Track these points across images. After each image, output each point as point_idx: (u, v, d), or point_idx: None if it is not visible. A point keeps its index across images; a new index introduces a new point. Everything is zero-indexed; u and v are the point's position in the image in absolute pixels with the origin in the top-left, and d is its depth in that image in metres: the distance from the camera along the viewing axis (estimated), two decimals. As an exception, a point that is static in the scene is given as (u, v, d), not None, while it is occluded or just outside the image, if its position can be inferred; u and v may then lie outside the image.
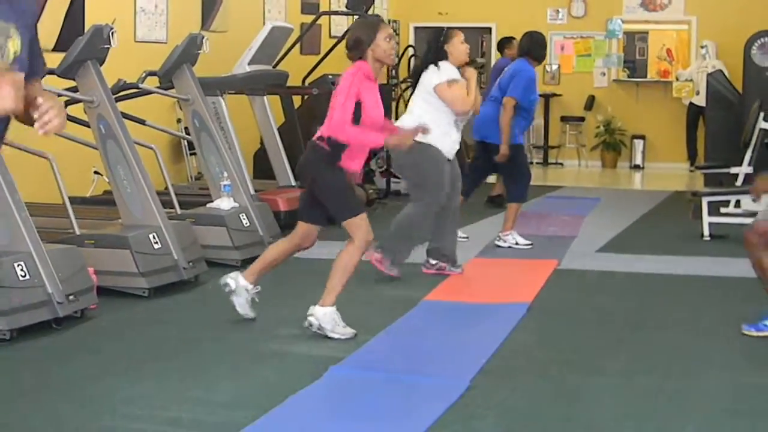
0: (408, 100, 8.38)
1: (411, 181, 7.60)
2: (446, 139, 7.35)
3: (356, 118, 5.75)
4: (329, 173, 5.74)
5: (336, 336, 5.68)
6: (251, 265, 6.10)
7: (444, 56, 7.43)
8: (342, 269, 5.74)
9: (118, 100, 7.78)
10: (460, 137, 7.54)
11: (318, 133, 5.82)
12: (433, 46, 7.55)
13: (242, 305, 6.01)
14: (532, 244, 8.79)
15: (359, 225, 5.77)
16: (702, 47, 15.82)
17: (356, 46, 5.87)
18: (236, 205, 8.09)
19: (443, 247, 7.58)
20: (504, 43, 11.76)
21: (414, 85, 7.60)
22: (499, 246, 8.78)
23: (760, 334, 5.86)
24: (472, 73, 7.51)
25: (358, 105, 5.74)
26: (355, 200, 5.91)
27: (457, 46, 7.46)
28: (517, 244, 8.76)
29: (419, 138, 7.20)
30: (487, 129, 8.74)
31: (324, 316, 5.71)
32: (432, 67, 7.39)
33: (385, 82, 11.06)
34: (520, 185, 8.82)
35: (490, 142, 8.72)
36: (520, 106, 8.61)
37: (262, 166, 10.74)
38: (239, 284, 6.00)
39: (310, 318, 5.74)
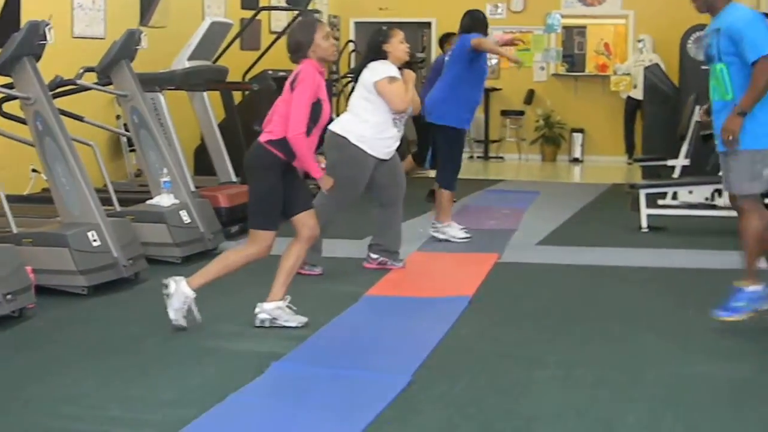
0: (349, 96, 8.35)
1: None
2: (380, 142, 7.34)
3: (314, 118, 5.74)
4: (263, 176, 5.71)
5: (292, 324, 5.76)
6: (200, 272, 5.85)
7: (384, 55, 7.43)
8: (291, 264, 5.84)
9: (55, 96, 7.68)
10: (400, 135, 7.54)
11: (268, 135, 5.76)
12: (372, 45, 7.55)
13: (174, 313, 5.73)
14: (470, 237, 8.83)
15: (305, 220, 5.82)
16: (639, 41, 15.99)
17: (297, 49, 5.85)
18: (176, 201, 8.03)
19: (385, 243, 7.59)
20: (444, 39, 11.77)
21: (355, 83, 7.60)
22: (434, 236, 8.79)
23: (731, 318, 5.82)
24: (409, 74, 7.51)
25: (318, 104, 5.74)
26: (302, 195, 5.88)
27: (397, 46, 7.46)
28: (454, 237, 8.77)
29: (345, 134, 7.23)
30: (435, 110, 8.76)
31: (274, 309, 5.79)
32: (371, 65, 7.40)
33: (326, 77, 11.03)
34: (450, 172, 8.81)
35: (441, 124, 8.73)
36: (469, 78, 8.63)
37: (202, 163, 10.67)
38: (180, 291, 5.73)
39: (260, 315, 5.77)
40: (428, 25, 17.13)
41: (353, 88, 7.65)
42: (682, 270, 7.57)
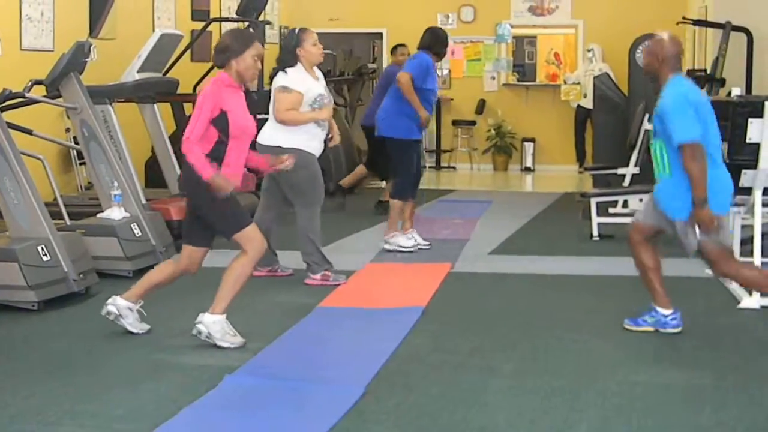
0: None
1: (290, 185, 7.48)
2: (314, 141, 7.43)
3: (224, 129, 5.65)
4: (206, 189, 5.62)
5: (225, 345, 5.64)
6: (133, 287, 5.97)
7: (296, 59, 7.40)
8: (234, 280, 5.69)
9: (3, 109, 7.60)
10: (324, 132, 7.52)
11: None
12: (285, 49, 7.52)
13: (132, 324, 5.92)
14: (429, 245, 8.90)
15: (250, 237, 5.72)
16: (588, 51, 16.10)
17: (222, 51, 5.76)
18: (127, 214, 7.98)
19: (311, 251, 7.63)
20: (395, 50, 11.77)
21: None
22: (386, 249, 8.80)
23: (639, 329, 6.07)
24: (324, 112, 7.40)
25: (225, 116, 5.63)
26: (240, 212, 5.81)
27: (309, 49, 7.43)
28: (401, 247, 8.77)
29: (290, 145, 7.22)
30: (385, 123, 8.78)
31: (213, 324, 5.66)
32: (281, 73, 7.39)
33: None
34: (401, 182, 8.82)
35: (391, 137, 8.75)
36: (418, 93, 8.62)
37: (153, 175, 10.61)
38: (121, 306, 5.89)
39: (198, 326, 5.68)
40: (379, 35, 17.15)
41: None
42: (632, 278, 7.58)
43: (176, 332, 5.97)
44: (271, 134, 7.38)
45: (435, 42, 8.83)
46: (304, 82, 7.37)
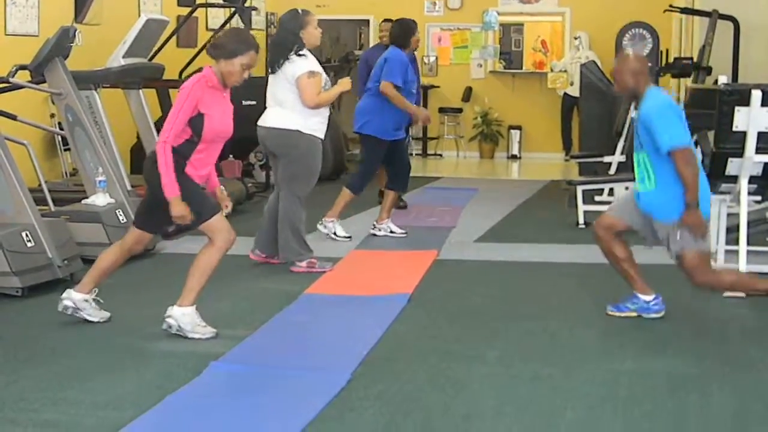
0: None
1: (288, 170, 7.49)
2: (324, 124, 7.46)
3: (197, 131, 5.54)
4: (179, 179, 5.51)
5: (196, 336, 5.56)
6: (83, 278, 5.90)
7: (301, 42, 7.38)
8: (201, 271, 5.60)
9: (-13, 95, 7.57)
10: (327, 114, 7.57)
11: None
12: (288, 31, 7.47)
13: (91, 314, 5.85)
14: (407, 233, 8.91)
15: (216, 227, 5.62)
16: (575, 38, 16.09)
17: (216, 47, 5.66)
18: (112, 201, 7.95)
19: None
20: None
21: (272, 69, 7.50)
22: (375, 234, 8.85)
23: (621, 315, 6.10)
24: (346, 82, 7.49)
25: (201, 118, 5.52)
26: (207, 201, 5.69)
27: (312, 32, 7.43)
28: (392, 232, 8.87)
29: (304, 130, 7.23)
30: (360, 120, 8.79)
31: (182, 316, 5.59)
32: (293, 56, 7.36)
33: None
34: (360, 176, 8.90)
35: (365, 134, 8.76)
36: (399, 89, 8.61)
37: (138, 161, 10.52)
38: (75, 299, 5.83)
39: (168, 320, 5.60)
40: (366, 22, 17.11)
41: (269, 75, 7.56)
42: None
43: (160, 320, 5.94)
44: (290, 117, 7.35)
45: (403, 34, 8.82)
46: (318, 65, 7.42)
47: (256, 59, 5.69)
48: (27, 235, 6.71)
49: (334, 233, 8.69)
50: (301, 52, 7.35)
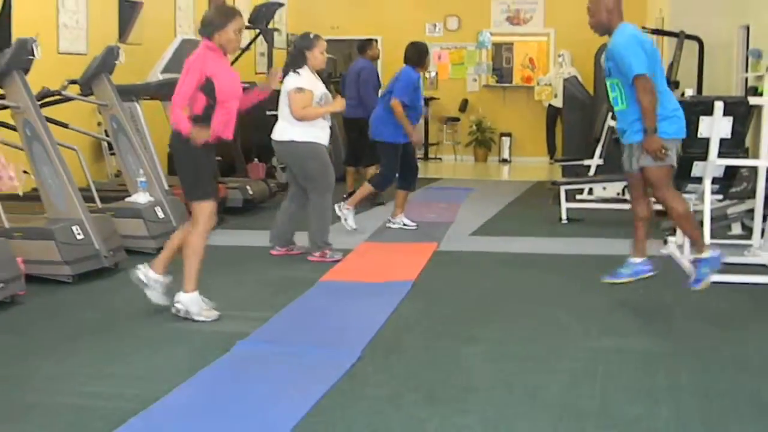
0: None
1: (303, 174, 7.47)
2: (323, 132, 7.39)
3: (211, 95, 5.44)
4: (186, 151, 5.46)
5: (202, 318, 5.49)
6: (158, 257, 5.85)
7: (304, 60, 7.34)
8: (192, 254, 5.53)
9: (42, 105, 7.54)
10: (329, 124, 7.48)
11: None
12: (297, 48, 7.45)
13: (156, 297, 5.76)
14: (417, 226, 8.88)
15: (204, 210, 5.52)
16: (559, 56, 16.02)
17: (206, 25, 5.58)
18: (152, 199, 7.93)
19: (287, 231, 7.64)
20: (363, 46, 11.65)
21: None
22: (390, 227, 8.87)
23: (619, 281, 5.97)
24: (339, 104, 7.44)
25: (211, 82, 5.43)
26: (207, 184, 5.58)
27: (317, 56, 7.38)
28: (405, 225, 8.86)
29: (298, 139, 7.20)
30: (375, 128, 8.78)
31: (189, 301, 5.53)
32: (293, 74, 7.32)
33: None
34: (382, 177, 8.86)
35: (380, 140, 8.73)
36: (407, 106, 8.60)
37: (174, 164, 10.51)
38: (150, 277, 5.76)
39: (177, 305, 5.55)
40: (375, 42, 17.00)
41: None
42: (596, 256, 7.58)
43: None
44: (286, 129, 7.35)
45: (417, 55, 8.79)
46: (314, 83, 7.36)
47: (243, 22, 5.65)
48: (77, 229, 6.69)
49: (345, 220, 8.65)
50: (298, 70, 7.31)
